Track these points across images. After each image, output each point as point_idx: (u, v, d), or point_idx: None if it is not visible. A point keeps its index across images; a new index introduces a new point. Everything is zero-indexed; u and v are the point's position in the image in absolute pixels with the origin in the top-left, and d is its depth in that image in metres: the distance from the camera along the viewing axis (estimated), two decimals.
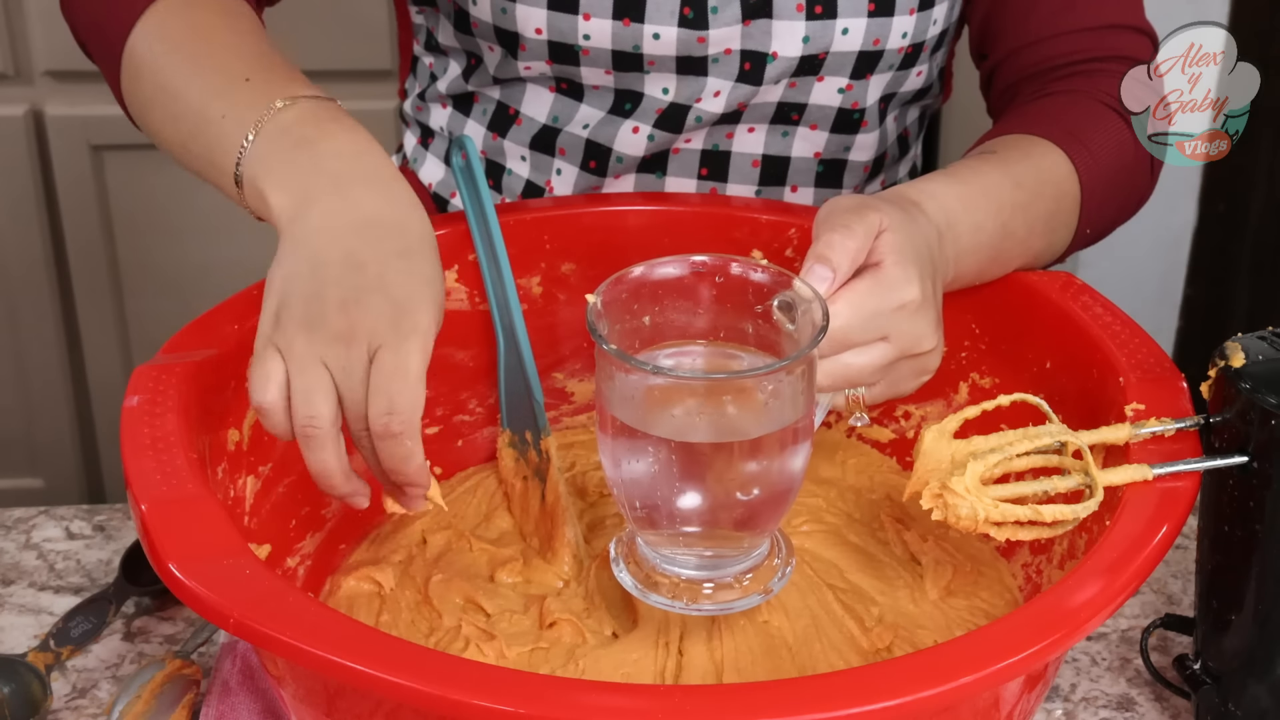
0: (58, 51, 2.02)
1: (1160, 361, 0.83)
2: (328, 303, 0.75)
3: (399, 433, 0.75)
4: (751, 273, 0.77)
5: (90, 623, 0.96)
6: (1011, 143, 0.96)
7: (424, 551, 0.93)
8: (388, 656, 0.62)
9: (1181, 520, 0.72)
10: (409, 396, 0.75)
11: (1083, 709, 0.92)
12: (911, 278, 0.80)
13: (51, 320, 2.15)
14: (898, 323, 0.80)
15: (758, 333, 0.77)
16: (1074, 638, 0.66)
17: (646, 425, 0.73)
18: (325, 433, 0.75)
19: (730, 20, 1.00)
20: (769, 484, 0.74)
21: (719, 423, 0.73)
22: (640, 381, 0.73)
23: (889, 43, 1.03)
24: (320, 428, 0.75)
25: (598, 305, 0.74)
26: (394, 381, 0.74)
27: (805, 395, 0.74)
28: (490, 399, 1.01)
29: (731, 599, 0.78)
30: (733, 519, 0.75)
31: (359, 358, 0.75)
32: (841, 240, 0.78)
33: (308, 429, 0.75)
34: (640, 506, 0.76)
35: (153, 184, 2.08)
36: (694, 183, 1.09)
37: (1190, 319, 2.16)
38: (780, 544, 0.80)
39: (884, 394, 0.83)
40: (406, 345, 0.75)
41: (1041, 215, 0.92)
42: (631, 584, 0.78)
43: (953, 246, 0.87)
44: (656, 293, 0.77)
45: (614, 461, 0.75)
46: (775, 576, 0.79)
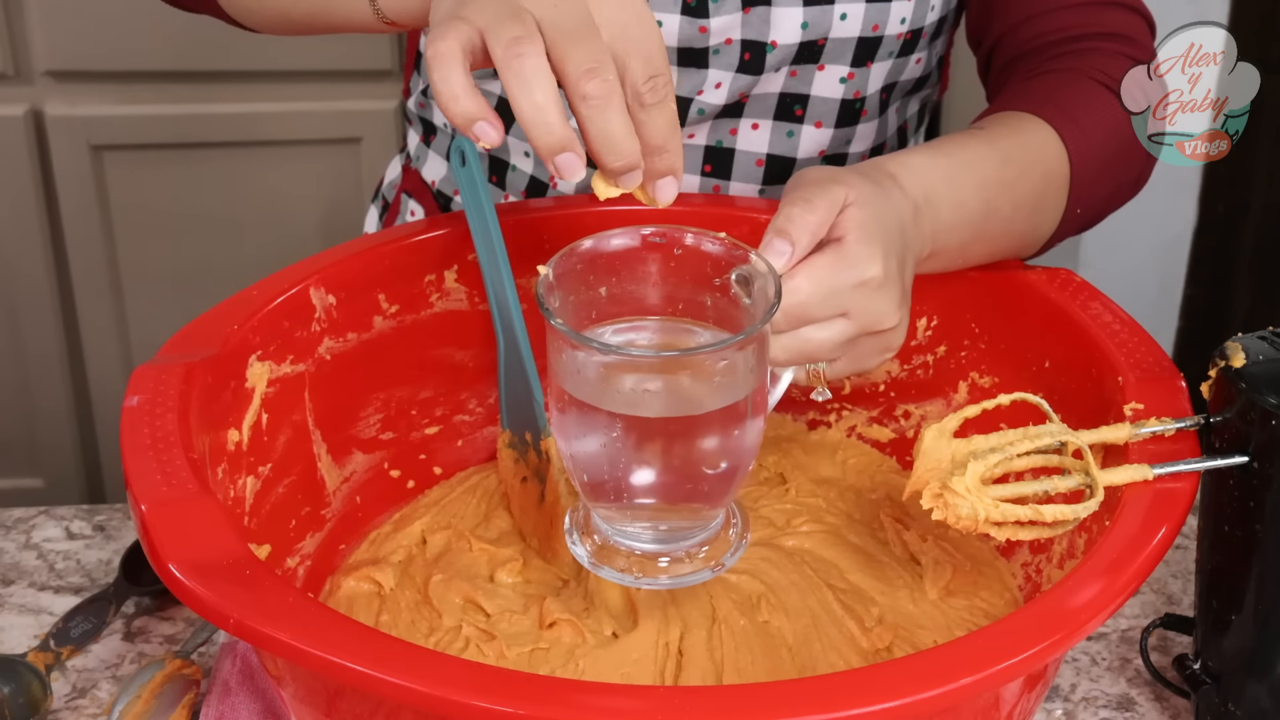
0: (58, 51, 2.02)
1: (1160, 361, 0.83)
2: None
3: (664, 97, 0.68)
4: (707, 244, 0.75)
5: (90, 623, 0.96)
6: (1001, 119, 0.95)
7: (424, 551, 0.93)
8: (388, 656, 0.62)
9: (1181, 520, 0.72)
10: (662, 50, 0.67)
11: (1083, 709, 0.92)
12: (875, 255, 0.79)
13: (51, 320, 2.15)
14: (858, 299, 0.79)
15: (715, 305, 0.76)
16: (1074, 638, 0.65)
17: (597, 399, 0.72)
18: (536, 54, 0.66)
19: (731, 9, 1.00)
20: (721, 458, 0.74)
21: (670, 397, 0.73)
22: (589, 357, 0.72)
23: (888, 28, 1.03)
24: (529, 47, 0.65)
25: (549, 278, 0.72)
26: (645, 37, 0.67)
27: (757, 370, 0.73)
28: (490, 399, 1.02)
29: (686, 572, 0.77)
30: (685, 493, 0.75)
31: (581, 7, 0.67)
32: (801, 214, 0.77)
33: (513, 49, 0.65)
34: (592, 481, 0.75)
35: (153, 184, 2.08)
36: (698, 179, 1.09)
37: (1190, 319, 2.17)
38: (736, 516, 0.80)
39: (846, 370, 0.82)
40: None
41: (1028, 193, 0.92)
42: (585, 556, 0.78)
43: (930, 222, 0.86)
44: (612, 264, 0.75)
45: (565, 436, 0.75)
46: (729, 550, 0.78)
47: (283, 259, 0.94)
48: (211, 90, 2.07)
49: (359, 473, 0.95)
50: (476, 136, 0.68)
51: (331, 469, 0.93)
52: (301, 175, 2.13)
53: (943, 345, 0.97)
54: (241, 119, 2.08)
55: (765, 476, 0.99)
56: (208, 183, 2.11)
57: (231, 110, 2.07)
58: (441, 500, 0.98)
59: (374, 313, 0.94)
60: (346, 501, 0.94)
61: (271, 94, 2.08)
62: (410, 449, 0.99)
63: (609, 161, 0.68)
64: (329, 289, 0.90)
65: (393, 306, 0.95)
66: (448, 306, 0.98)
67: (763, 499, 0.96)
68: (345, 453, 0.94)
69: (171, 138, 2.07)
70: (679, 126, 0.69)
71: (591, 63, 0.66)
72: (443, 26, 0.68)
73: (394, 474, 0.98)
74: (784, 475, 0.99)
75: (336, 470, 0.93)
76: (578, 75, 0.66)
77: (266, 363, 0.86)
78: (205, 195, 2.12)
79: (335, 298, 0.91)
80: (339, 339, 0.92)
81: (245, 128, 2.09)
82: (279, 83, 2.07)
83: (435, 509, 0.97)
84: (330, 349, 0.91)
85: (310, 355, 0.90)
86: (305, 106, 2.09)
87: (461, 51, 0.67)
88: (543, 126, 0.66)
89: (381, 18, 0.83)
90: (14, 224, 2.08)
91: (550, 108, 0.66)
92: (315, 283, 0.90)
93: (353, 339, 0.93)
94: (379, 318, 0.94)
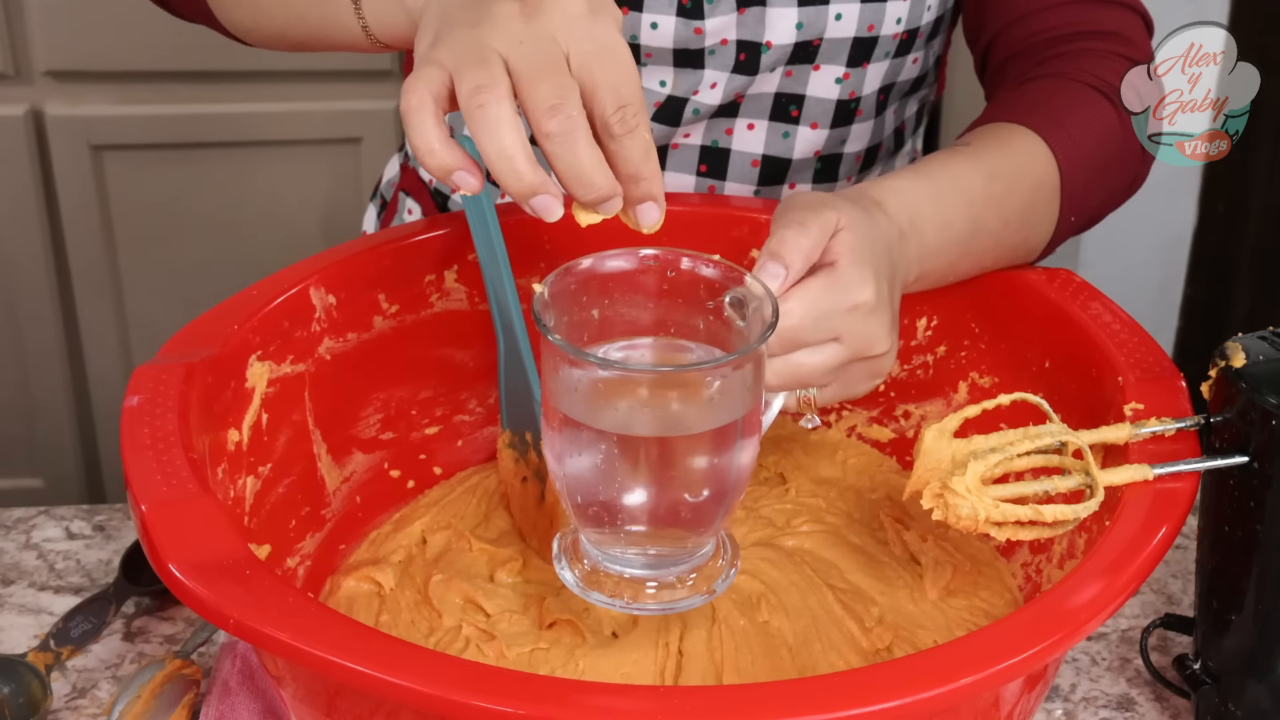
0: (58, 51, 2.02)
1: (1160, 361, 0.83)
2: (492, 2, 0.68)
3: (635, 126, 0.68)
4: (702, 268, 0.75)
5: (90, 623, 0.96)
6: (987, 133, 0.94)
7: (424, 551, 0.93)
8: (388, 656, 0.62)
9: (1181, 520, 0.72)
10: (634, 81, 0.68)
11: (1083, 709, 0.92)
12: (866, 279, 0.79)
13: (51, 320, 2.15)
14: (850, 323, 0.78)
15: (709, 329, 0.76)
16: (1074, 638, 0.65)
17: (591, 418, 0.71)
18: (499, 101, 0.66)
19: (726, 9, 1.00)
20: (713, 481, 0.73)
21: (664, 417, 0.72)
22: (585, 374, 0.71)
23: (883, 28, 1.02)
24: (491, 96, 0.65)
25: (544, 295, 0.72)
26: (612, 67, 0.68)
27: (752, 392, 0.73)
28: (490, 399, 1.02)
29: (674, 599, 0.76)
30: (676, 516, 0.74)
31: (543, 34, 0.67)
32: (795, 237, 0.77)
33: (475, 99, 0.66)
34: (584, 502, 0.75)
35: (153, 184, 2.08)
36: (693, 179, 1.09)
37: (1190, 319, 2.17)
38: (726, 545, 0.79)
39: (836, 396, 0.82)
40: (608, 28, 0.68)
41: (1017, 207, 0.91)
42: (573, 581, 0.77)
43: (916, 246, 0.86)
44: (606, 285, 0.75)
45: (558, 456, 0.74)
46: (720, 577, 0.77)
47: (283, 259, 0.94)
48: (211, 90, 2.07)
49: (359, 473, 0.95)
50: (456, 185, 0.69)
51: (331, 469, 0.93)
52: (301, 175, 2.13)
53: (943, 345, 0.97)
54: (241, 119, 2.08)
55: (765, 476, 0.99)
56: (208, 183, 2.11)
57: (231, 110, 2.07)
58: (441, 500, 0.98)
59: (374, 313, 0.94)
60: (346, 501, 0.94)
61: (271, 94, 2.08)
62: (410, 449, 0.99)
63: (580, 195, 0.69)
64: (329, 289, 0.90)
65: (393, 306, 0.95)
66: (448, 306, 0.98)
67: (763, 499, 0.96)
68: (345, 453, 0.94)
69: (171, 138, 2.07)
70: (654, 152, 0.69)
71: (553, 99, 0.66)
72: (414, 77, 0.68)
73: (394, 474, 0.98)
74: (784, 475, 0.99)
75: (336, 470, 0.93)
76: (539, 114, 0.66)
77: (266, 363, 0.86)
78: (205, 195, 2.12)
79: (335, 298, 0.91)
80: (339, 339, 0.92)
81: (245, 128, 2.09)
82: (279, 83, 2.07)
83: (435, 509, 0.97)
84: (330, 349, 0.91)
85: (310, 355, 0.90)
86: (305, 106, 2.09)
87: (433, 102, 0.67)
88: (511, 174, 0.67)
89: (372, 40, 0.83)
90: (14, 224, 2.08)
91: (517, 154, 0.67)
92: (315, 283, 0.90)
93: (353, 339, 0.93)
94: (379, 318, 0.94)
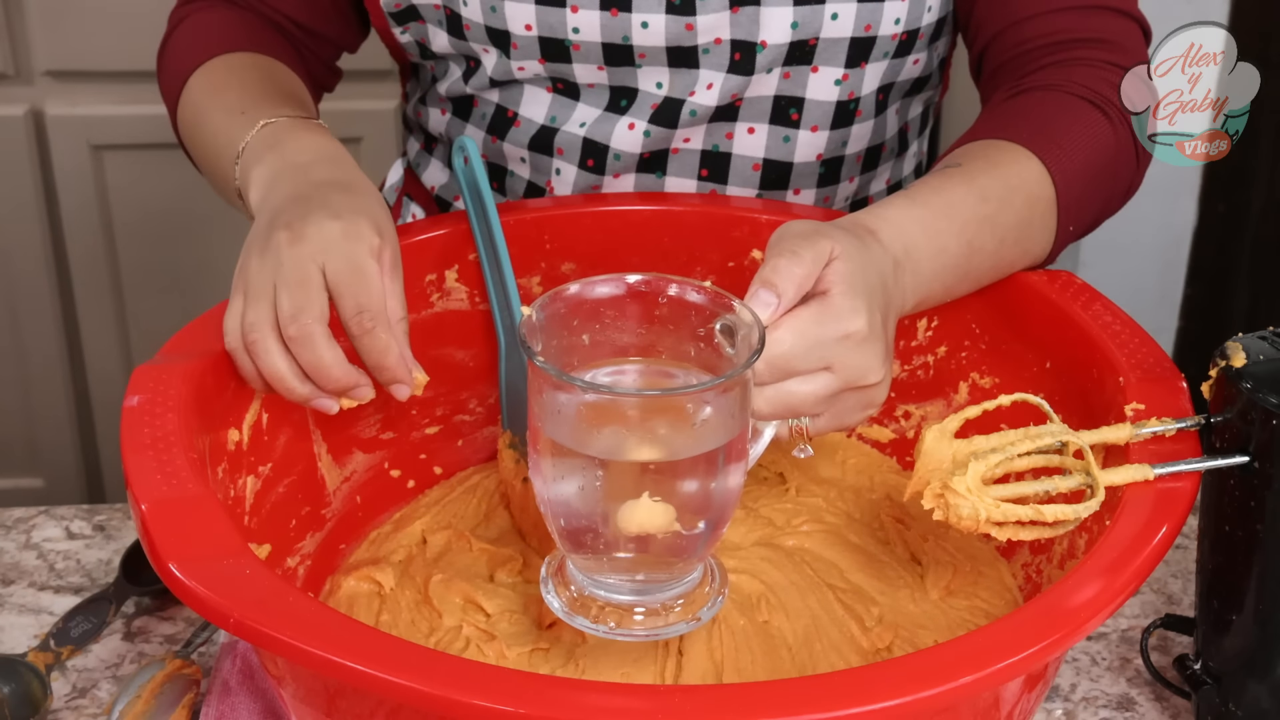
0: (58, 51, 2.02)
1: (1160, 361, 0.83)
2: (276, 230, 0.83)
3: (371, 328, 0.82)
4: (691, 294, 0.75)
5: (90, 623, 0.96)
6: (978, 152, 0.93)
7: (424, 551, 0.93)
8: (388, 656, 0.62)
9: (1181, 520, 0.72)
10: (372, 291, 0.82)
11: (1083, 709, 0.92)
12: (859, 309, 0.78)
13: (51, 320, 2.15)
14: (842, 353, 0.78)
15: (699, 356, 0.76)
16: (1074, 638, 0.66)
17: (577, 443, 0.71)
18: (266, 337, 0.81)
19: (718, 7, 1.00)
20: (700, 507, 0.73)
21: (650, 442, 0.72)
22: (572, 398, 0.71)
23: (881, 29, 1.02)
24: (259, 333, 0.81)
25: (532, 319, 0.72)
26: (353, 281, 0.81)
27: (739, 418, 0.73)
28: (490, 399, 1.02)
29: (661, 625, 0.76)
30: (663, 543, 0.74)
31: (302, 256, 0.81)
32: (788, 266, 0.77)
33: (249, 336, 0.82)
34: (569, 527, 0.74)
35: (153, 184, 2.08)
36: (694, 183, 1.09)
37: (1190, 319, 2.17)
38: (714, 572, 0.79)
39: (828, 426, 0.81)
40: (356, 248, 0.82)
41: (1012, 225, 0.91)
42: (559, 607, 0.76)
43: (911, 276, 0.86)
44: (596, 310, 0.75)
45: (544, 480, 0.74)
46: (706, 605, 0.77)
47: None
48: None
49: (359, 472, 0.95)
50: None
51: (332, 469, 0.93)
52: None
53: (943, 346, 0.97)
54: None
55: (765, 476, 0.99)
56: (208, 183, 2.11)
57: None
58: (441, 500, 0.98)
59: None
60: (347, 501, 0.94)
61: None
62: (410, 449, 0.99)
63: (324, 386, 0.83)
64: None
65: None
66: (448, 306, 0.98)
67: (763, 499, 0.96)
68: (345, 452, 0.94)
69: (171, 138, 2.06)
70: (393, 347, 0.83)
71: (291, 311, 0.81)
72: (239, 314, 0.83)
73: (394, 474, 0.98)
74: (784, 475, 0.99)
75: (337, 470, 0.93)
76: (282, 321, 0.81)
77: None
78: (205, 195, 2.11)
79: None
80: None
81: None
82: None
83: (435, 509, 0.97)
84: None
85: None
86: None
87: (274, 335, 0.82)
88: (285, 391, 0.83)
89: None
90: (14, 224, 2.08)
91: (285, 376, 0.82)
92: None
93: None
94: None
